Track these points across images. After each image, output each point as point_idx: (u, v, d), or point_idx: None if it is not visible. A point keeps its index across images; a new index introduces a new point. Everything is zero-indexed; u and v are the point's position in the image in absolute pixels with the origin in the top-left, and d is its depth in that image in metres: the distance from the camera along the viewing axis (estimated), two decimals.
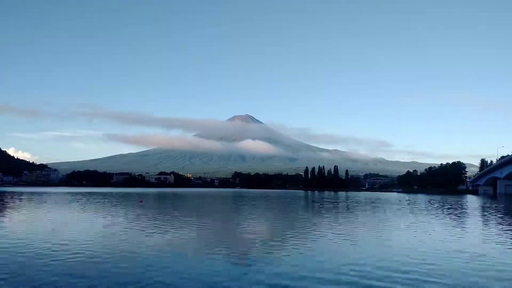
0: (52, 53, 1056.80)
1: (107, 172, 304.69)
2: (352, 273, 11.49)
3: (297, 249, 15.50)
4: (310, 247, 16.13)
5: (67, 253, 13.92)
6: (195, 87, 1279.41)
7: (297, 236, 19.34)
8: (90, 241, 16.60)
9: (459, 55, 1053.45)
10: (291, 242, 17.27)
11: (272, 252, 14.70)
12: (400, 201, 67.48)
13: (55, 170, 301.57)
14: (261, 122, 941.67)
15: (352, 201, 64.16)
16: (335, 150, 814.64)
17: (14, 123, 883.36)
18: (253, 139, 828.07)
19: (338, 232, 20.77)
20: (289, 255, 14.18)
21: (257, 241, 18.24)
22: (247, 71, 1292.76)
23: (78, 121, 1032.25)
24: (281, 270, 11.82)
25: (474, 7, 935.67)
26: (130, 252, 14.28)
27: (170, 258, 13.41)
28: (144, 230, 20.90)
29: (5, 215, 30.21)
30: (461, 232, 22.22)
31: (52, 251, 14.32)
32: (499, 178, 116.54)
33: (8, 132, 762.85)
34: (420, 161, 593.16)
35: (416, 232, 21.78)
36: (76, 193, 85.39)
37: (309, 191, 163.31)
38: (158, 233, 19.85)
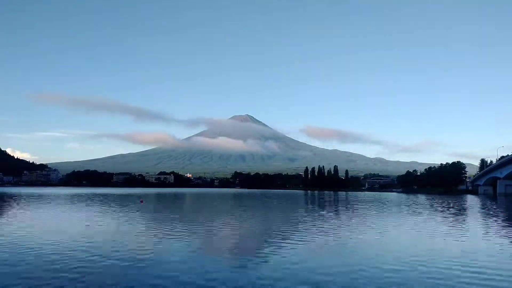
0: (52, 51, 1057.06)
1: (107, 172, 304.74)
2: (349, 273, 11.53)
3: (296, 249, 15.55)
4: (311, 247, 16.18)
5: (69, 253, 13.98)
6: (194, 87, 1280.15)
7: (296, 236, 19.36)
8: (91, 242, 16.65)
9: (458, 54, 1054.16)
10: (289, 241, 17.29)
11: (271, 252, 14.74)
12: (397, 201, 67.50)
13: (55, 170, 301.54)
14: (261, 122, 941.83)
15: (354, 201, 64.20)
16: (335, 150, 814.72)
17: (11, 123, 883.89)
18: (253, 139, 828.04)
19: (336, 232, 20.81)
20: (287, 255, 14.21)
21: (256, 240, 18.29)
22: (247, 71, 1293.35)
23: (77, 121, 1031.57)
24: (280, 269, 11.88)
25: (476, 7, 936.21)
26: (130, 252, 14.32)
27: (170, 257, 13.44)
28: (144, 230, 20.95)
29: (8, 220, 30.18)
30: (459, 232, 22.24)
31: (55, 252, 14.37)
32: (499, 178, 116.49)
33: (5, 132, 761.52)
34: (420, 161, 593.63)
35: (413, 232, 21.80)
36: (78, 195, 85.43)
37: (309, 191, 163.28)
38: (158, 233, 19.89)
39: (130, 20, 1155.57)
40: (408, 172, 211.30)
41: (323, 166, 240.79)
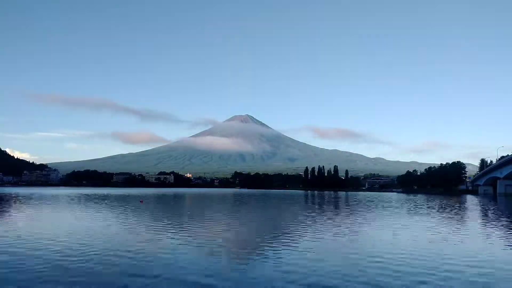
0: (51, 51, 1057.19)
1: (107, 172, 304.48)
2: (349, 273, 11.53)
3: (296, 249, 15.54)
4: (311, 246, 16.16)
5: (71, 253, 13.99)
6: (195, 87, 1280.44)
7: (297, 236, 19.35)
8: (92, 242, 16.65)
9: (458, 54, 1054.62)
10: (290, 242, 17.29)
11: (271, 252, 14.72)
12: (398, 201, 67.45)
13: (55, 170, 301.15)
14: (261, 122, 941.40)
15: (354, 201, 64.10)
16: (335, 150, 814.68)
17: (10, 123, 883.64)
18: (253, 139, 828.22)
19: (336, 232, 20.80)
20: (288, 255, 14.20)
21: (257, 240, 18.28)
22: (247, 71, 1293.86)
23: (76, 121, 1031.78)
24: (280, 269, 11.87)
25: (479, 7, 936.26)
26: (130, 252, 14.31)
27: (170, 258, 13.43)
28: (144, 231, 20.95)
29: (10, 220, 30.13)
30: (459, 233, 22.22)
31: (56, 251, 14.37)
32: (499, 178, 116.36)
33: (4, 132, 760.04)
34: (420, 161, 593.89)
35: (412, 233, 21.78)
36: (78, 195, 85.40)
37: (309, 191, 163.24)
38: (158, 233, 19.87)
39: (129, 19, 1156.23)
40: (408, 172, 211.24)
41: (323, 166, 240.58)
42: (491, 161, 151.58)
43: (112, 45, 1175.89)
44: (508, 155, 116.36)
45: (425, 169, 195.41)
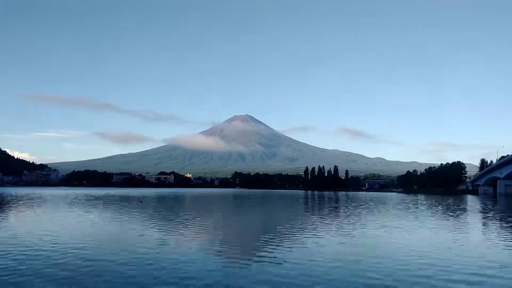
0: (50, 52, 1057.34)
1: (107, 172, 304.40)
2: (350, 273, 11.50)
3: (296, 250, 15.51)
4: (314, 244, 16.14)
5: (72, 253, 13.97)
6: (195, 87, 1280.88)
7: (297, 237, 19.32)
8: (89, 242, 16.64)
9: (459, 54, 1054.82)
10: (291, 242, 17.26)
11: (272, 253, 14.70)
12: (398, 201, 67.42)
13: (55, 170, 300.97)
14: (261, 122, 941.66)
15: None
16: (335, 150, 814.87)
17: (10, 123, 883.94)
18: (253, 139, 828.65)
19: (336, 232, 20.77)
20: (287, 255, 14.17)
21: (256, 240, 18.25)
22: (247, 72, 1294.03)
23: (76, 121, 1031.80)
24: (279, 269, 11.84)
25: (480, 9, 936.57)
26: (129, 252, 14.29)
27: (169, 257, 13.41)
28: (143, 230, 20.91)
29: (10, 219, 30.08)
30: (459, 233, 22.20)
31: (57, 252, 14.35)
32: (499, 178, 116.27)
33: (3, 133, 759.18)
34: (420, 161, 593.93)
35: (407, 232, 21.76)
36: (79, 195, 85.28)
37: (309, 191, 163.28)
38: (156, 233, 19.85)
39: (128, 19, 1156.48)
40: (408, 172, 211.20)
41: (323, 166, 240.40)
42: (491, 161, 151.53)
43: (112, 45, 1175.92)
44: (508, 155, 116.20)
45: (425, 169, 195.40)
